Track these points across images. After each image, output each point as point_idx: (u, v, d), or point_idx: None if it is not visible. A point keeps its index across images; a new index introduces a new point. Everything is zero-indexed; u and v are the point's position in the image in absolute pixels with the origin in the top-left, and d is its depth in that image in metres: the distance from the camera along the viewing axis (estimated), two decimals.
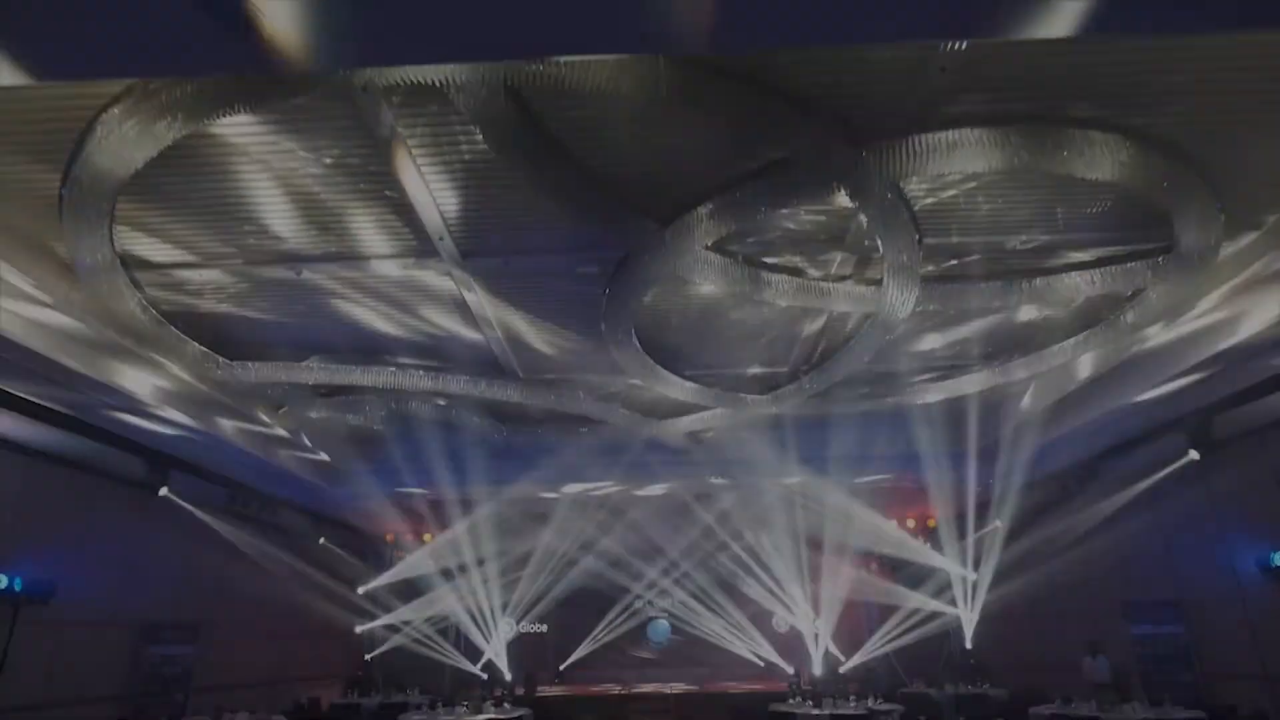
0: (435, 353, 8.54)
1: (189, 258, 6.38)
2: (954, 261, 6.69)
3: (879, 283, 6.56)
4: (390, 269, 6.57)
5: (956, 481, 12.31)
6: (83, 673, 10.01)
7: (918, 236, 5.57)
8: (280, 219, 5.87)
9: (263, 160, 5.26)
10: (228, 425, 9.45)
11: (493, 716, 8.49)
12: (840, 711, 8.30)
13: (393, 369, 8.38)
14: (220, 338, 7.86)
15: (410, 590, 16.36)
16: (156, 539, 11.18)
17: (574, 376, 9.29)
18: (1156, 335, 7.47)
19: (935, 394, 9.15)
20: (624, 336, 7.43)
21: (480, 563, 16.26)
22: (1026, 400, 10.48)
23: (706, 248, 5.95)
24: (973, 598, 14.36)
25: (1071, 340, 7.56)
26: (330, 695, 13.33)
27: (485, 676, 15.84)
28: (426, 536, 15.71)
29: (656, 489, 12.97)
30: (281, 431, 10.28)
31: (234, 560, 12.69)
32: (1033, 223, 6.11)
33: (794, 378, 9.01)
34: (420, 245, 6.24)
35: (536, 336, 8.11)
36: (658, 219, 5.58)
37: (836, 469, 11.82)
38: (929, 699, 10.74)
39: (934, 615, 15.39)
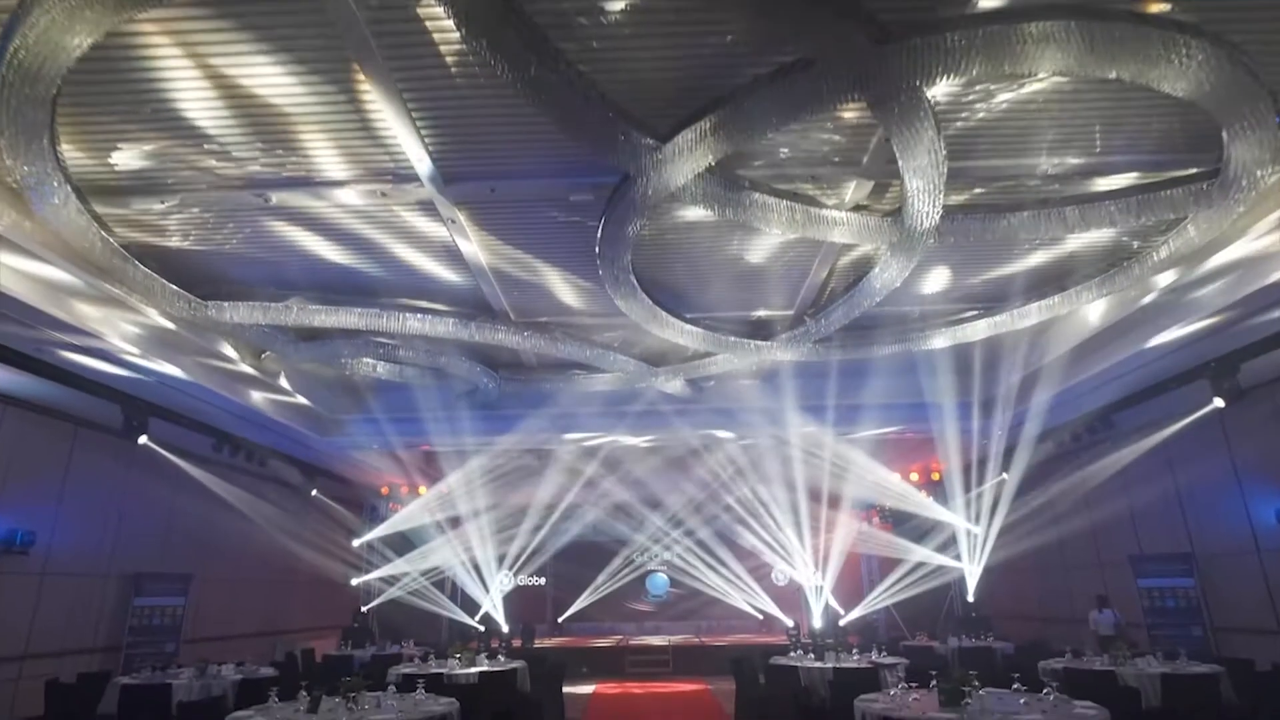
0: (421, 293, 8.07)
1: (144, 182, 5.87)
2: (979, 190, 6.19)
3: (896, 213, 6.06)
4: (366, 196, 6.06)
5: (963, 433, 11.95)
6: (67, 624, 9.78)
7: (942, 154, 5.05)
8: (239, 134, 5.34)
9: (215, 66, 4.72)
10: (207, 371, 9.02)
11: (486, 668, 8.24)
12: (844, 664, 8.05)
13: (376, 310, 7.91)
14: (193, 276, 7.38)
15: (406, 543, 16.19)
16: (142, 489, 10.88)
17: (568, 320, 8.84)
18: (1188, 273, 6.99)
19: (947, 339, 8.69)
20: (621, 273, 6.95)
21: (476, 515, 16.03)
22: (1044, 346, 10.05)
23: (710, 170, 5.43)
24: (977, 552, 14.14)
25: (1099, 278, 7.08)
26: (327, 647, 13.20)
27: (482, 629, 15.74)
28: (421, 489, 15.45)
29: (656, 440, 12.62)
30: (265, 378, 9.86)
31: (224, 511, 12.44)
32: (1068, 143, 5.58)
33: (800, 322, 8.55)
34: (397, 167, 5.73)
35: (528, 274, 7.63)
36: (656, 135, 5.05)
37: (841, 419, 11.45)
38: (932, 652, 10.54)
39: (936, 570, 15.23)
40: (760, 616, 18.13)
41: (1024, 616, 14.51)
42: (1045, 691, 5.34)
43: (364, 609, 15.95)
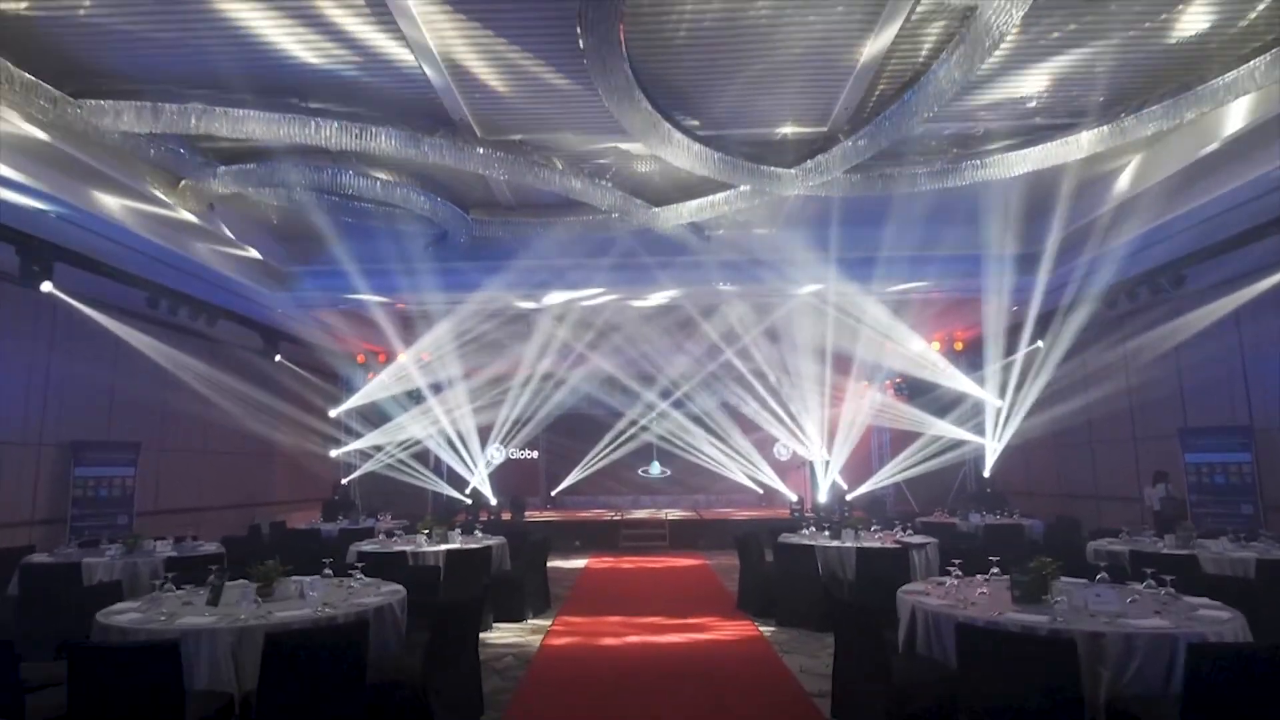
0: (359, 95, 6.38)
1: None
2: None
3: None
4: None
5: (997, 293, 10.56)
6: (2, 495, 8.78)
7: None
8: None
9: None
10: (111, 203, 7.44)
11: (458, 546, 7.22)
12: (866, 544, 7.04)
13: (302, 117, 6.25)
14: (62, 64, 5.70)
15: (387, 414, 15.17)
16: (74, 351, 9.58)
17: (547, 137, 7.18)
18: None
19: (1017, 166, 7.07)
20: (611, 56, 5.27)
21: (459, 384, 14.91)
22: (1099, 192, 8.46)
23: None
24: (1001, 426, 13.10)
25: (1246, 67, 5.42)
26: (309, 520, 12.38)
27: (469, 502, 14.98)
28: (402, 356, 14.19)
29: (653, 298, 11.20)
30: (193, 216, 8.30)
31: (177, 378, 11.24)
32: None
33: (833, 141, 6.91)
34: None
35: (492, 66, 5.93)
36: None
37: (861, 274, 10.00)
38: (954, 530, 9.62)
39: (951, 446, 14.29)
40: (760, 491, 17.44)
41: (1042, 493, 13.69)
42: (1146, 584, 4.21)
43: (343, 481, 15.11)
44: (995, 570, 4.78)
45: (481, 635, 6.58)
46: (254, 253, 9.63)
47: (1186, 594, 4.07)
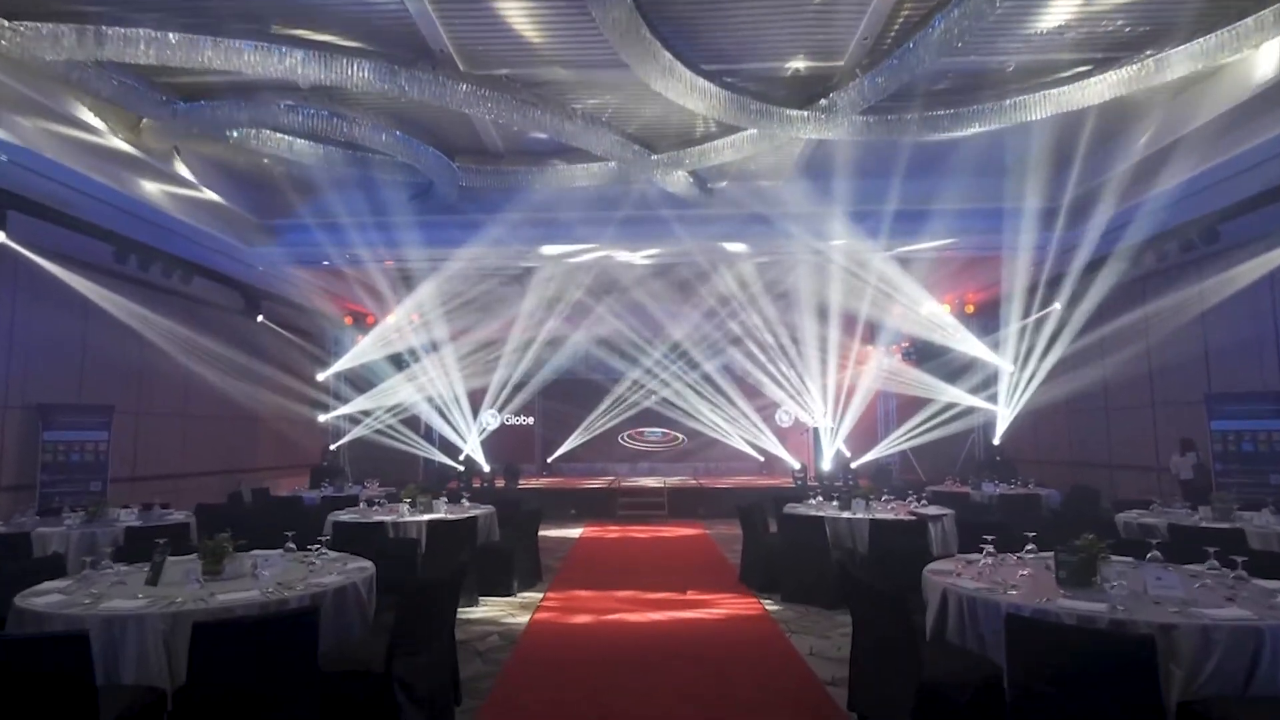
0: (329, 19, 5.76)
1: None
2: None
3: None
4: None
5: (1014, 251, 10.02)
6: None
7: None
8: None
9: None
10: (63, 143, 6.84)
11: (442, 516, 6.76)
12: (879, 516, 6.59)
13: (266, 45, 5.63)
14: None
15: (377, 378, 14.68)
16: (38, 309, 9.03)
17: (539, 75, 6.56)
18: None
19: (1046, 106, 6.47)
20: None
21: (450, 346, 14.41)
22: (1126, 141, 7.86)
23: None
24: (1014, 392, 12.62)
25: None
26: (298, 487, 11.95)
27: (462, 469, 14.55)
28: (390, 317, 13.64)
29: (654, 256, 10.63)
30: (156, 163, 7.70)
31: (153, 339, 10.71)
32: None
33: (850, 76, 6.29)
34: None
35: None
36: None
37: (871, 229, 9.42)
38: (968, 500, 9.17)
39: (960, 413, 13.83)
40: (761, 459, 17.03)
41: (1052, 461, 13.26)
42: (1209, 564, 3.75)
43: (331, 447, 14.67)
44: (1031, 547, 4.31)
45: (466, 611, 6.18)
46: (227, 204, 9.04)
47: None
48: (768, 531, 7.64)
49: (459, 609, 6.24)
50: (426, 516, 6.70)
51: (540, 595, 6.87)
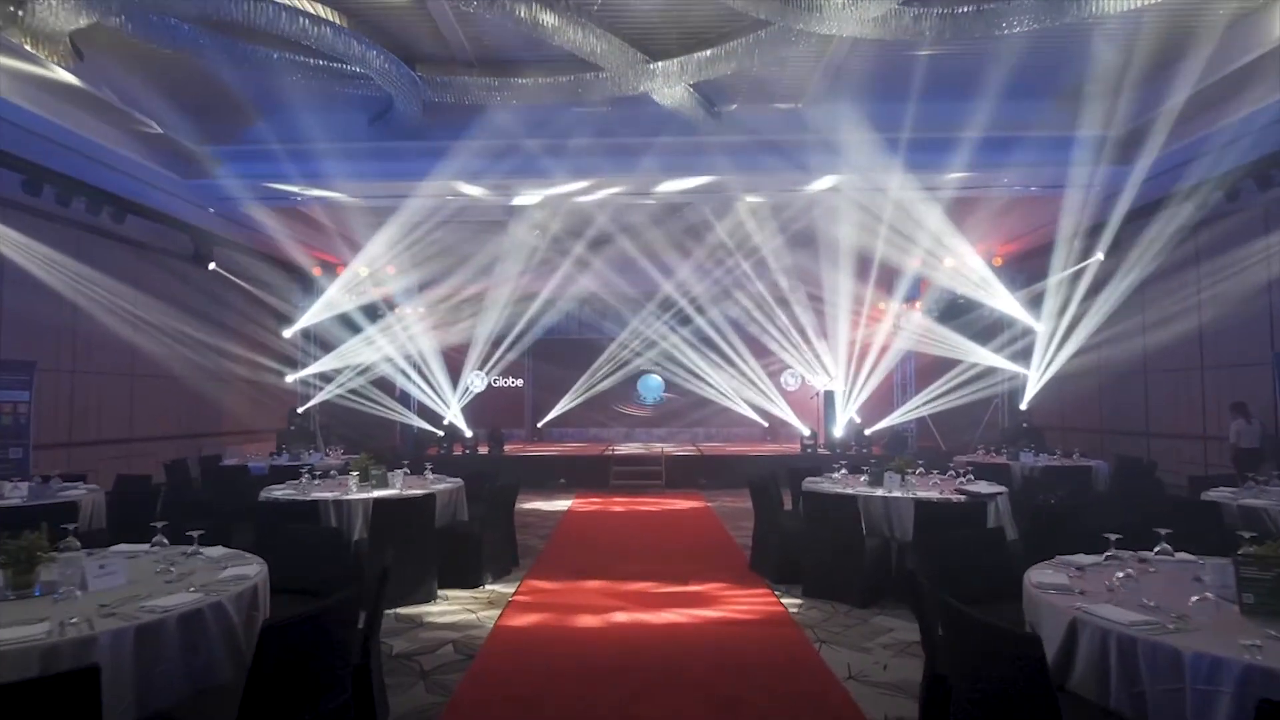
0: None
1: None
2: None
3: None
4: None
5: (1052, 190, 8.86)
6: None
7: None
8: None
9: None
10: None
11: (395, 493, 5.62)
12: (923, 494, 5.48)
13: None
14: None
15: (348, 334, 13.47)
16: None
17: None
18: None
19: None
20: None
21: (429, 301, 13.19)
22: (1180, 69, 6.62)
23: None
24: (1049, 353, 11.47)
25: None
26: (264, 453, 10.82)
27: (442, 434, 13.43)
28: (363, 269, 12.38)
29: (654, 194, 9.35)
30: (64, 74, 6.40)
31: (86, 286, 9.46)
32: None
33: None
34: None
35: None
36: None
37: (909, 161, 8.16)
38: (1009, 472, 8.03)
39: (983, 375, 12.70)
40: (765, 424, 15.92)
41: (1082, 429, 12.18)
42: None
43: (300, 410, 13.50)
44: (1164, 546, 3.18)
45: (417, 612, 5.07)
46: (157, 127, 7.74)
47: None
48: (781, 509, 6.54)
49: (409, 607, 5.17)
50: (376, 494, 5.56)
51: (514, 588, 5.75)
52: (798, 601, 5.34)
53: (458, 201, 9.25)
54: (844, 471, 6.60)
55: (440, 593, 5.45)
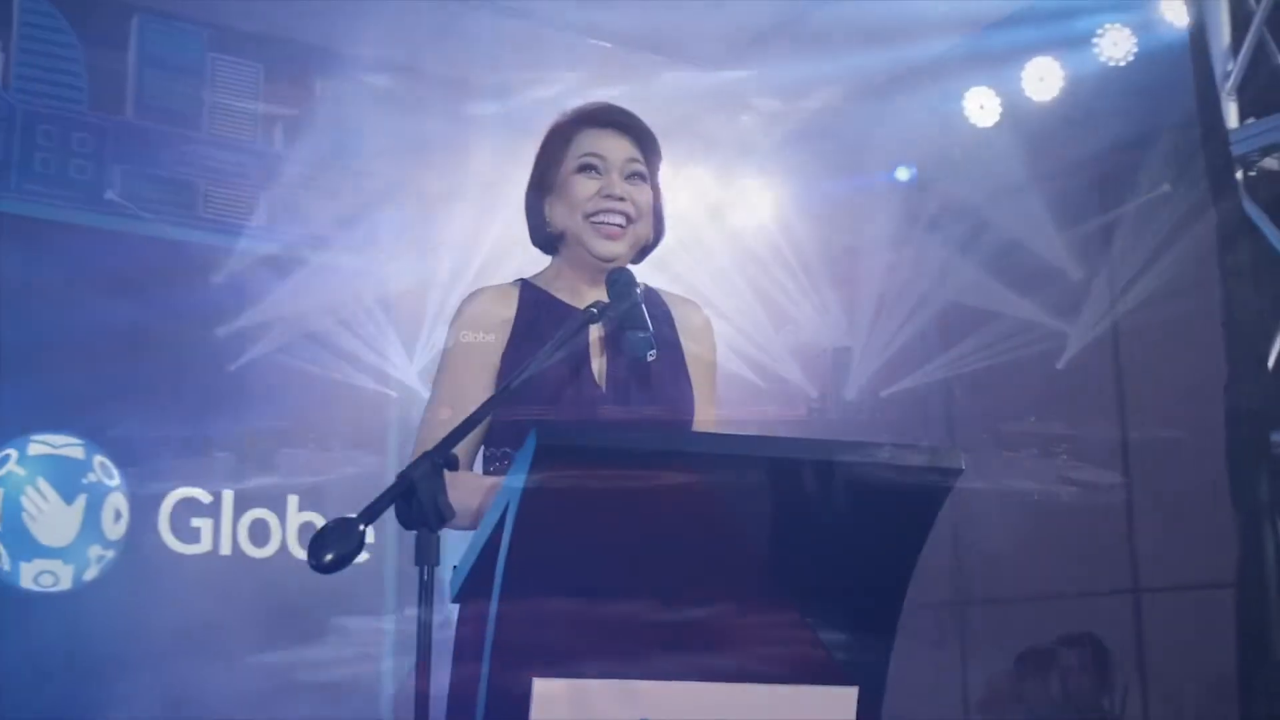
0: None
1: None
2: None
3: None
4: None
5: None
6: None
7: None
8: None
9: None
10: None
11: None
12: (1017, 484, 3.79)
13: None
14: None
15: (288, 265, 11.36)
16: None
17: None
18: None
19: None
20: None
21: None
22: None
23: None
24: (1105, 304, 9.95)
25: None
26: None
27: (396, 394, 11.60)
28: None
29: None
30: None
31: None
32: None
33: None
34: None
35: None
36: None
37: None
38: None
39: (1019, 329, 11.16)
40: (763, 385, 14.21)
41: (1164, 396, 10.65)
42: None
43: (231, 367, 11.57)
44: None
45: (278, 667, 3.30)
46: None
47: None
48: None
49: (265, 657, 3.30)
50: None
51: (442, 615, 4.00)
52: None
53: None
54: (889, 452, 4.91)
55: (327, 629, 3.66)
